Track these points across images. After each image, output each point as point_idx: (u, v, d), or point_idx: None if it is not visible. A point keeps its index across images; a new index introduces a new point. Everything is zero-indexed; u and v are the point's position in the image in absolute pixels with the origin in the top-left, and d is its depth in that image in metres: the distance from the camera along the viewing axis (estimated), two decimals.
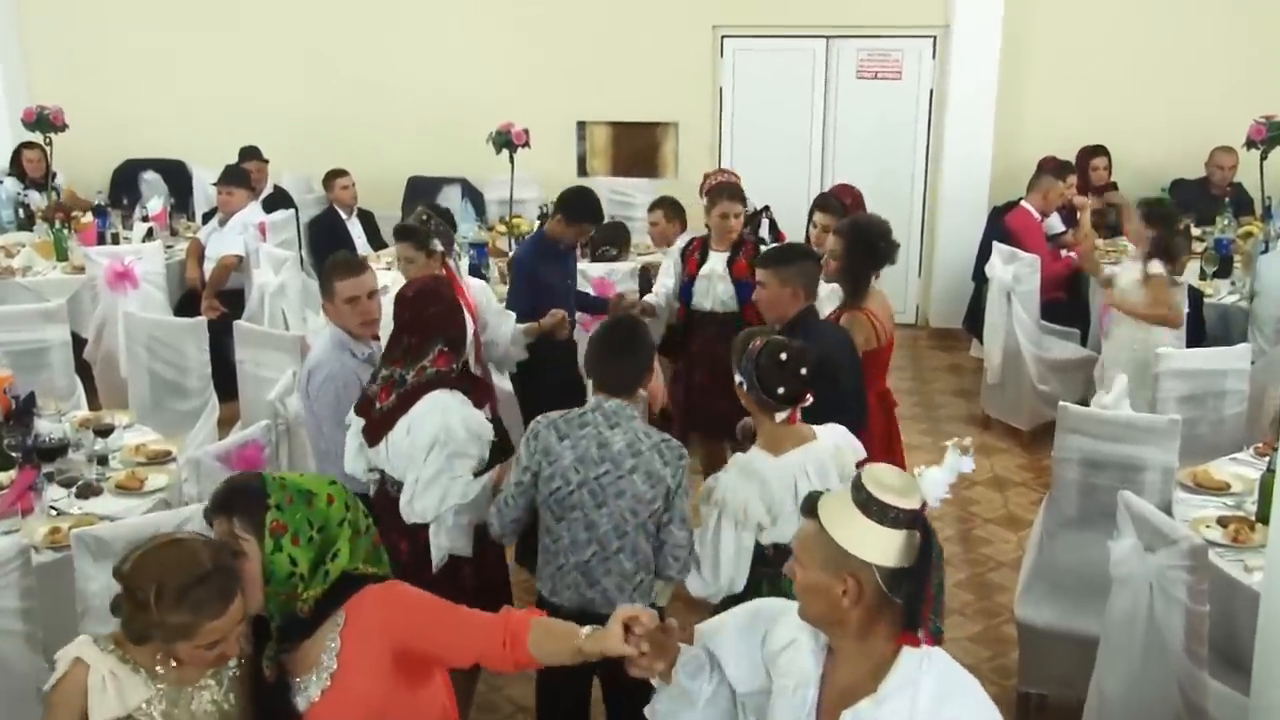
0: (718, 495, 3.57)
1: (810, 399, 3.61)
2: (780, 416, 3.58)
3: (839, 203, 5.92)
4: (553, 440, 3.54)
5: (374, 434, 3.93)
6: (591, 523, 3.52)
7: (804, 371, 3.55)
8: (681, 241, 6.21)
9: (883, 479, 2.29)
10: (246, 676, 2.67)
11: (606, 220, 8.27)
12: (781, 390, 3.53)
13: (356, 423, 4.00)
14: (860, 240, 4.86)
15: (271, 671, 2.60)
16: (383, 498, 3.95)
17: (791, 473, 3.57)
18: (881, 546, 2.26)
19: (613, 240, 7.67)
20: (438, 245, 5.11)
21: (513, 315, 5.40)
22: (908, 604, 2.26)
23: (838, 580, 2.27)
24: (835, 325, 4.69)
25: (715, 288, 5.76)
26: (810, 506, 2.34)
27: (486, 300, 5.33)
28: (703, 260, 5.84)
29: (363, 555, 2.66)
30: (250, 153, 8.74)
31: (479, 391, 4.04)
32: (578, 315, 6.50)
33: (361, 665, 2.58)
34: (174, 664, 2.57)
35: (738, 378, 3.60)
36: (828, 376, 3.80)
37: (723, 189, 5.91)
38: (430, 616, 2.66)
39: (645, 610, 2.54)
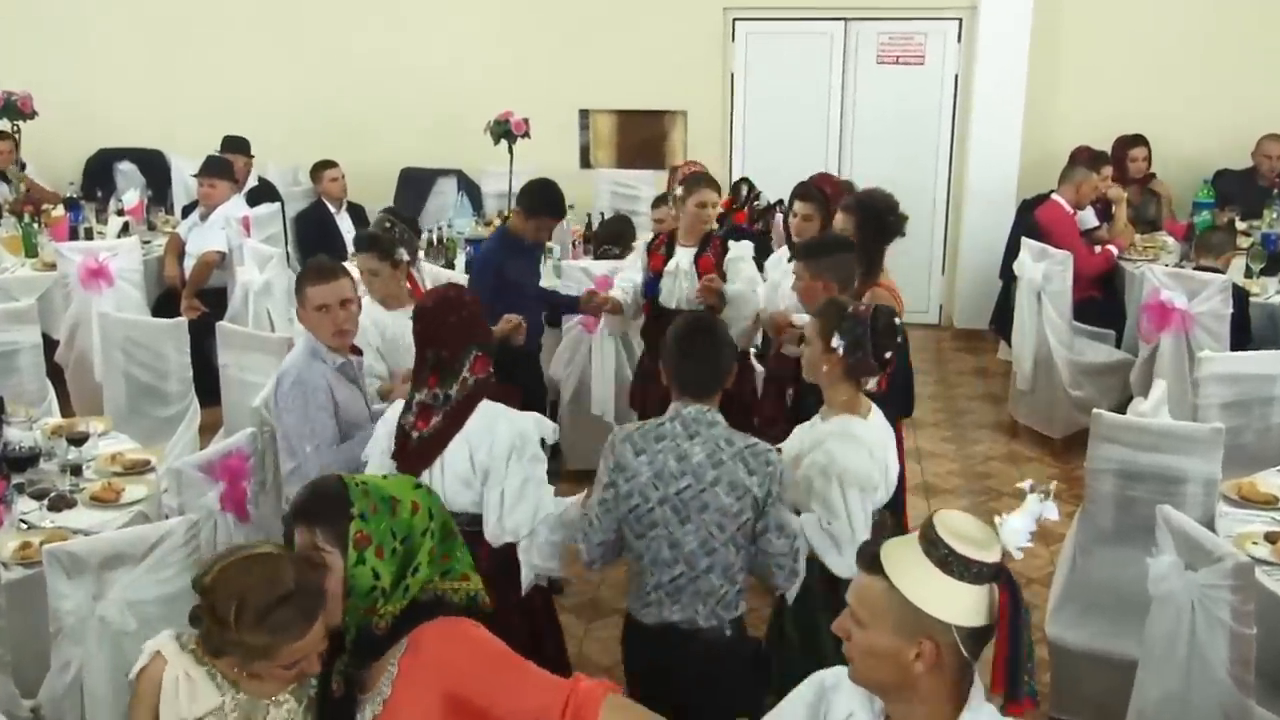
0: (831, 467, 3.61)
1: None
2: (871, 384, 3.74)
3: (820, 191, 5.90)
4: (628, 455, 3.51)
5: (418, 464, 3.79)
6: (676, 541, 3.48)
7: (900, 338, 3.78)
8: (648, 237, 6.23)
9: (961, 530, 2.22)
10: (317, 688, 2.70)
11: (611, 215, 8.32)
12: (889, 355, 3.70)
13: (378, 458, 3.91)
14: (871, 215, 5.10)
15: (339, 686, 2.61)
16: None
17: (881, 435, 3.74)
18: (964, 605, 2.19)
19: (616, 237, 7.67)
20: (403, 254, 5.07)
21: None
22: (1009, 670, 2.22)
23: (911, 644, 2.20)
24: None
25: (681, 285, 5.77)
26: (872, 560, 2.26)
27: None
28: (668, 255, 5.84)
29: (446, 562, 2.66)
30: (234, 144, 8.74)
31: (506, 398, 4.02)
32: (580, 318, 6.51)
33: (412, 699, 2.54)
34: (250, 677, 2.61)
35: (835, 341, 3.66)
36: None
37: (699, 177, 5.93)
38: (490, 666, 2.56)
39: None
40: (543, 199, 5.75)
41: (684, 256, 5.80)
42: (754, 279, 5.77)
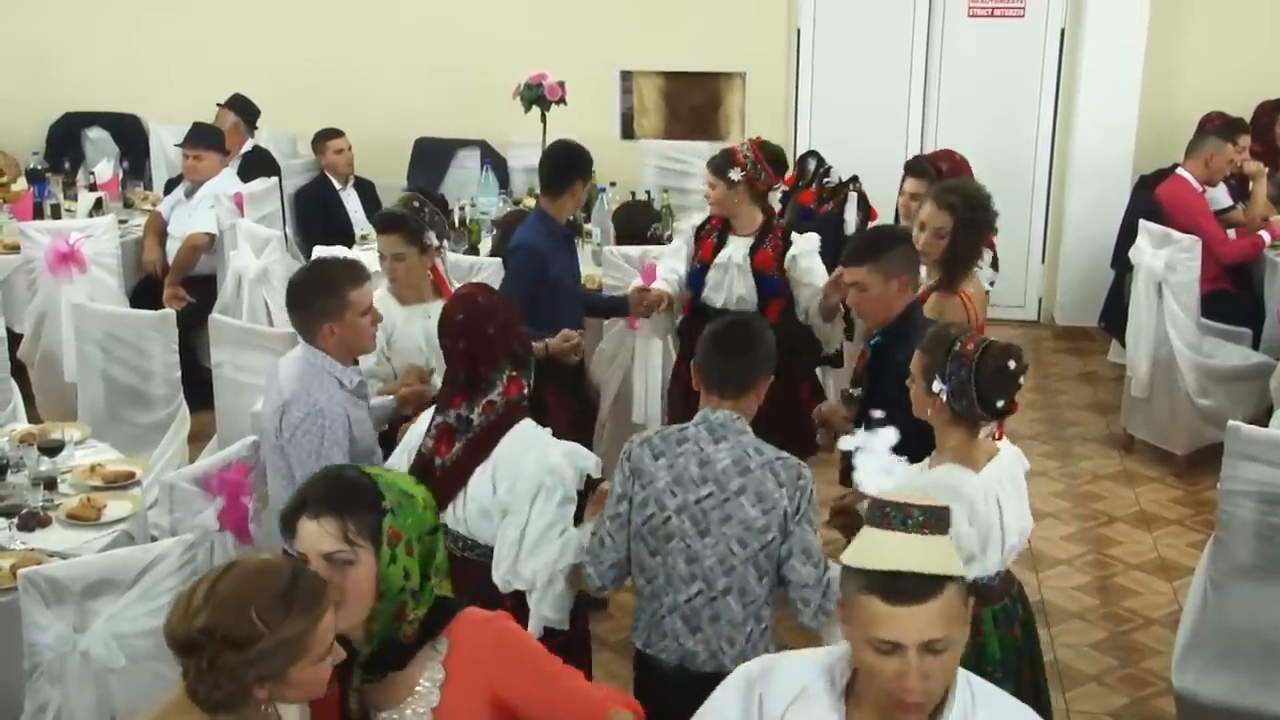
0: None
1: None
2: (985, 431, 3.75)
3: (935, 169, 5.87)
4: (646, 459, 3.67)
5: (442, 495, 3.81)
6: (694, 555, 3.62)
7: (1022, 380, 3.69)
8: (698, 218, 6.17)
9: (909, 495, 2.54)
10: (329, 711, 2.75)
11: (626, 200, 8.31)
12: (1001, 404, 3.66)
13: None
14: (974, 212, 5.03)
15: (359, 705, 2.72)
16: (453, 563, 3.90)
17: (995, 491, 3.71)
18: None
19: (636, 234, 7.59)
20: (432, 239, 5.10)
21: None
22: None
23: (969, 623, 2.50)
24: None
25: (733, 281, 5.72)
26: (930, 582, 2.41)
27: None
28: (720, 244, 5.80)
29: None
30: (240, 105, 8.76)
31: (556, 415, 4.04)
32: (617, 320, 6.48)
33: (465, 703, 2.71)
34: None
35: (936, 384, 3.65)
36: None
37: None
38: (534, 671, 2.79)
39: None
40: (573, 160, 5.76)
41: (738, 248, 5.75)
42: (823, 277, 5.72)
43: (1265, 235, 7.65)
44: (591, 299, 6.25)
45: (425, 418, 4.09)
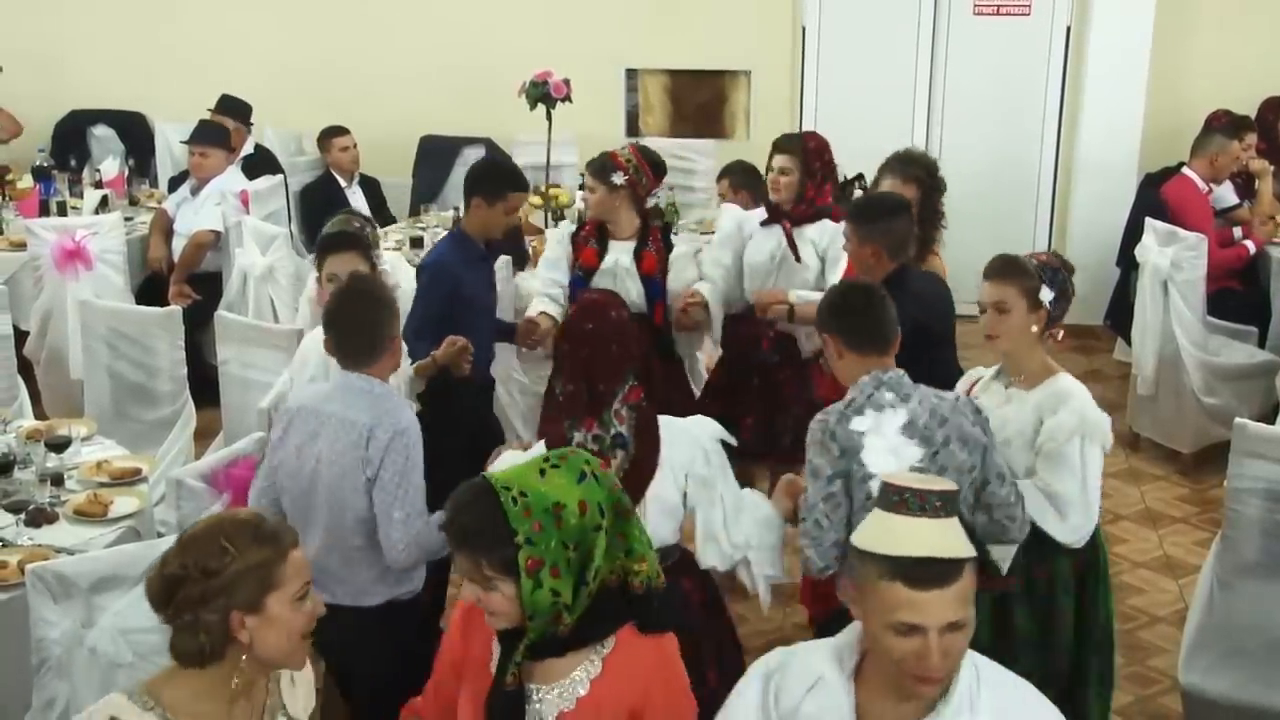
0: (1083, 426, 4.01)
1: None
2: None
3: (803, 146, 5.74)
4: (854, 437, 3.69)
5: None
6: None
7: None
8: (569, 225, 6.03)
9: (921, 479, 2.59)
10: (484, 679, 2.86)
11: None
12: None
13: None
14: (933, 179, 5.43)
15: (514, 678, 2.76)
16: None
17: None
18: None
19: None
20: (378, 257, 4.94)
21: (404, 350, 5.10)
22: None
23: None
24: (933, 277, 5.08)
25: (625, 286, 5.57)
26: (940, 571, 2.45)
27: None
28: (603, 251, 5.68)
29: (624, 542, 2.79)
30: (232, 107, 8.78)
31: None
32: None
33: (609, 703, 2.75)
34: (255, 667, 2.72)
35: (1044, 293, 4.08)
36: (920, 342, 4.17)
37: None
38: (678, 709, 2.83)
39: None
40: (502, 174, 5.59)
41: (622, 253, 5.64)
42: (690, 280, 5.73)
43: (1249, 245, 7.68)
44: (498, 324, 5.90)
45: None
